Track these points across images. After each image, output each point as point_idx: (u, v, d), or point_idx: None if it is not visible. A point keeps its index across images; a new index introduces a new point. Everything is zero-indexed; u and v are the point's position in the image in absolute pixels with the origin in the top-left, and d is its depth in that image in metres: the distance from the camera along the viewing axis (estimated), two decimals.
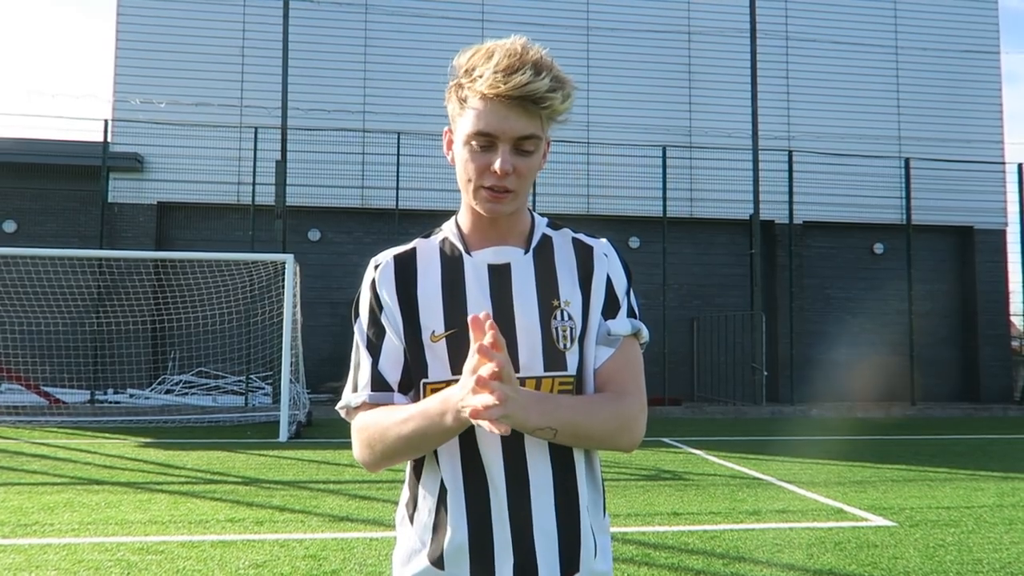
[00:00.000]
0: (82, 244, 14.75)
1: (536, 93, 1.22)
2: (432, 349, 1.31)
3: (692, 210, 16.64)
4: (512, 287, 1.33)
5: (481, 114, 1.25)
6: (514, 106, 1.23)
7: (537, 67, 1.23)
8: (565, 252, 1.39)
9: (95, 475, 7.38)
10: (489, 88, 1.22)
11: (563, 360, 1.31)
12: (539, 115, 1.26)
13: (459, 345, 1.29)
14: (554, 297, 1.34)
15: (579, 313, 1.34)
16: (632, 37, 16.77)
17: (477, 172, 1.28)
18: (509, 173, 1.26)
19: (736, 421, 13.50)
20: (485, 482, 1.29)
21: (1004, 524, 5.71)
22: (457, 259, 1.36)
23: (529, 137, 1.26)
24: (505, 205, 1.29)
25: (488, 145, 1.26)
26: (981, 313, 17.18)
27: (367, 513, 5.88)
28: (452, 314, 1.32)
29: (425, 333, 1.32)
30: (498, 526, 1.28)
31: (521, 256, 1.36)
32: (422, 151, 15.32)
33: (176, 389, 14.21)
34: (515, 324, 1.31)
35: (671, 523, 5.68)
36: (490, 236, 1.36)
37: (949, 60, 17.65)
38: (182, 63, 15.60)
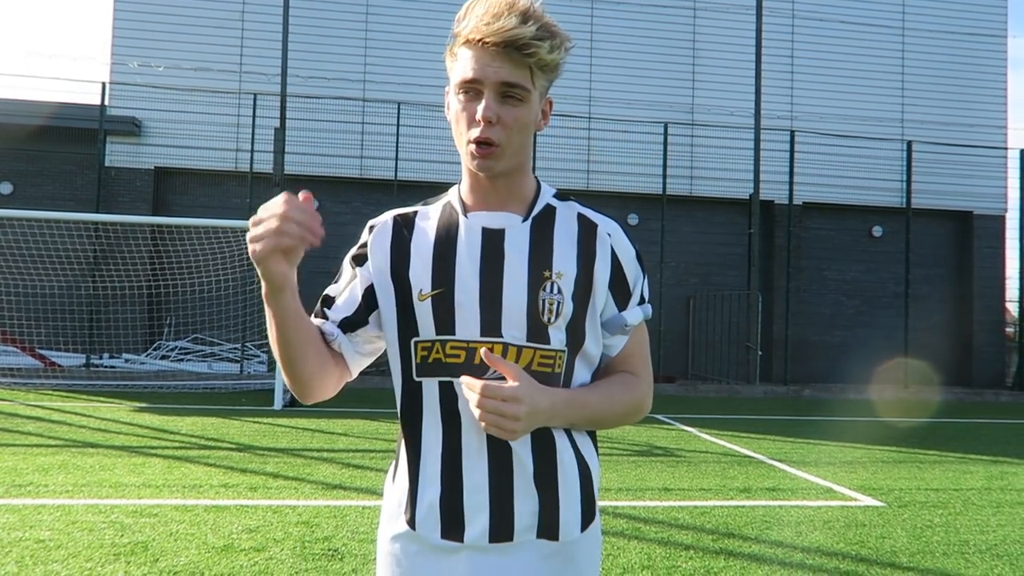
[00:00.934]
0: (78, 208, 14.66)
1: (520, 39, 1.20)
2: (420, 308, 1.31)
3: (692, 188, 16.58)
4: (504, 253, 1.31)
5: (467, 62, 1.24)
6: (499, 53, 1.21)
7: (525, 15, 1.21)
8: (567, 225, 1.36)
9: (90, 438, 7.41)
10: (473, 33, 1.22)
11: (546, 333, 1.29)
12: (526, 65, 1.23)
13: (444, 306, 1.30)
14: (546, 268, 1.31)
15: (570, 288, 1.31)
16: (637, 11, 16.58)
17: (465, 123, 1.26)
18: (492, 121, 1.23)
19: (729, 399, 13.57)
20: (460, 443, 1.30)
21: (991, 507, 5.77)
22: (453, 221, 1.35)
23: (514, 85, 1.23)
24: (493, 161, 1.26)
25: (475, 94, 1.25)
26: (977, 299, 17.22)
27: (360, 481, 5.92)
28: (439, 274, 1.31)
29: (414, 292, 1.32)
30: (471, 487, 1.29)
31: (518, 223, 1.34)
32: (422, 122, 15.20)
33: (172, 355, 14.23)
34: (502, 290, 1.29)
35: (662, 498, 5.72)
36: (489, 200, 1.34)
37: (955, 43, 17.49)
38: (181, 27, 15.41)
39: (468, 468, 1.29)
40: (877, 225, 17.39)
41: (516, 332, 1.28)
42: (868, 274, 17.32)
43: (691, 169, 16.54)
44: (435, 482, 1.31)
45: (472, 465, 1.29)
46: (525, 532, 1.30)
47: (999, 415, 12.45)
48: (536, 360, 1.29)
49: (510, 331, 1.28)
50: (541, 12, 1.24)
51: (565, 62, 1.30)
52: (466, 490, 1.29)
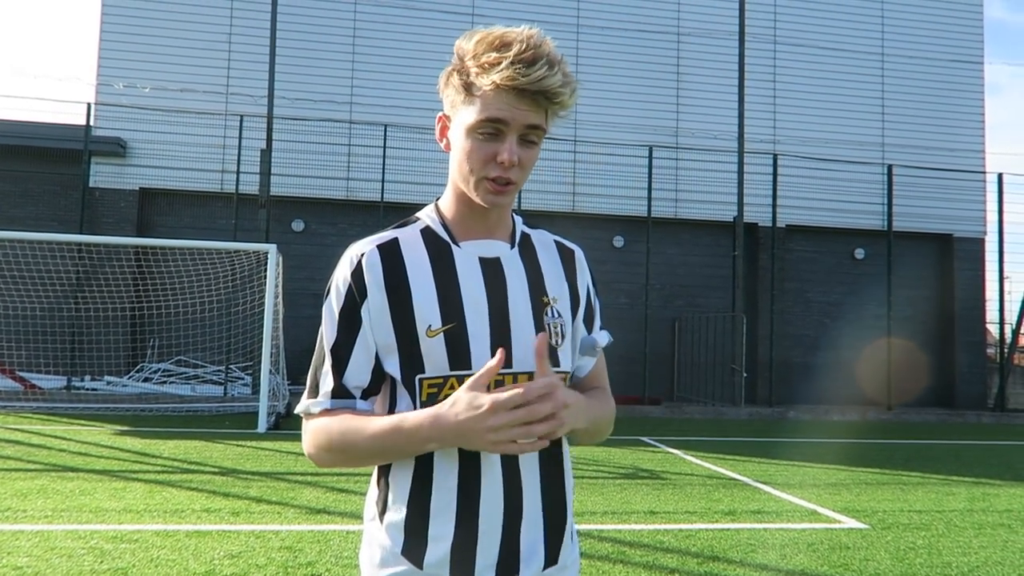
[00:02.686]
0: (62, 228, 14.58)
1: (551, 87, 1.21)
2: (428, 344, 1.27)
3: (677, 210, 16.71)
4: (506, 281, 1.32)
5: (492, 103, 1.22)
6: (526, 97, 1.22)
7: (551, 61, 1.22)
8: (548, 251, 1.41)
9: (70, 462, 7.32)
10: (506, 80, 1.19)
11: (556, 356, 1.32)
12: (546, 108, 1.26)
13: (456, 340, 1.27)
14: (543, 294, 1.34)
15: (567, 311, 1.37)
16: (622, 36, 16.80)
17: (482, 162, 1.25)
18: (515, 164, 1.24)
19: (715, 422, 13.59)
20: (479, 481, 1.26)
21: (974, 528, 5.80)
22: (445, 250, 1.32)
23: (536, 128, 1.25)
24: (506, 197, 1.28)
25: (495, 133, 1.24)
26: (958, 320, 17.40)
27: (344, 506, 5.87)
28: (448, 308, 1.28)
29: (420, 327, 1.27)
30: (486, 525, 1.26)
31: (508, 251, 1.35)
32: (409, 144, 15.27)
33: (154, 377, 14.10)
34: (509, 319, 1.29)
35: (647, 521, 5.71)
36: (478, 229, 1.34)
37: (934, 68, 17.83)
38: (168, 48, 15.44)
39: (485, 506, 1.26)
40: (859, 247, 17.58)
41: (528, 360, 1.28)
42: (851, 296, 17.47)
43: (676, 192, 16.68)
44: (449, 521, 1.26)
45: (489, 501, 1.27)
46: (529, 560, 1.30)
47: (981, 436, 12.53)
48: None
49: (521, 360, 1.28)
50: (560, 56, 1.25)
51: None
52: (481, 528, 1.26)
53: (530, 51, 1.21)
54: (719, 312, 16.20)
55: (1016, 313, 16.92)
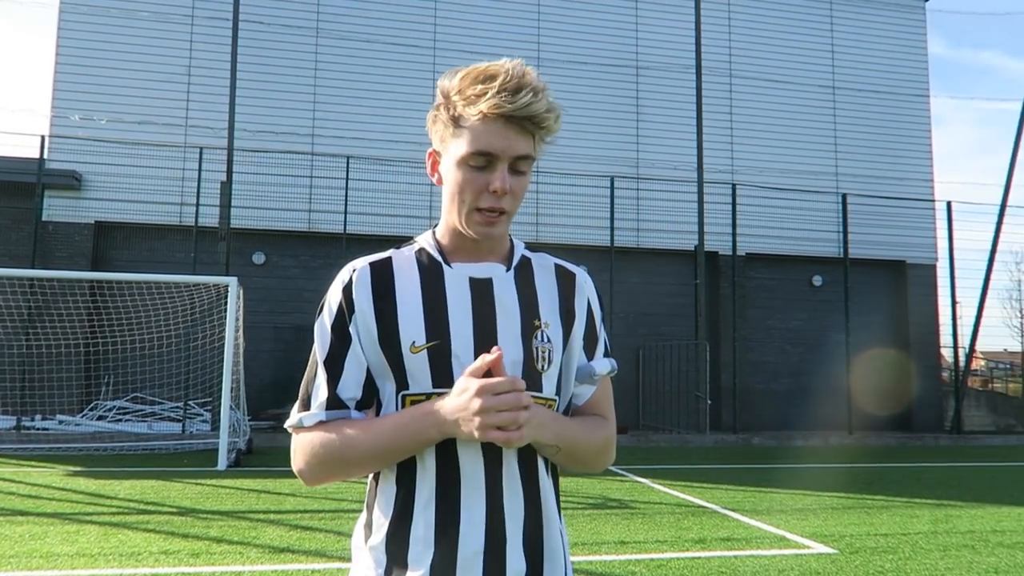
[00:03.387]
0: (12, 263, 14.17)
1: (538, 112, 1.24)
2: (412, 360, 1.28)
3: (639, 240, 16.90)
4: (495, 302, 1.32)
5: (481, 133, 1.24)
6: (513, 125, 1.24)
7: (535, 89, 1.25)
8: (546, 275, 1.40)
9: (19, 505, 7.03)
10: (492, 108, 1.22)
11: (539, 381, 1.31)
12: (534, 135, 1.28)
13: (439, 358, 1.27)
14: (535, 317, 1.34)
15: (559, 336, 1.35)
16: (582, 70, 17.07)
17: (474, 193, 1.27)
18: (507, 192, 1.26)
19: (680, 449, 13.63)
20: (459, 501, 1.25)
21: (939, 550, 5.86)
22: (436, 270, 1.33)
23: (526, 157, 1.27)
24: (497, 228, 1.29)
25: (486, 165, 1.26)
26: (913, 345, 17.79)
27: (308, 544, 5.72)
28: (433, 325, 1.29)
29: (405, 344, 1.28)
30: (467, 545, 1.24)
31: (503, 272, 1.35)
32: (371, 175, 15.25)
33: (109, 415, 13.68)
34: (496, 340, 1.29)
35: (618, 552, 5.66)
36: (472, 252, 1.35)
37: (882, 101, 18.43)
38: (125, 80, 15.26)
39: (465, 526, 1.25)
40: (817, 275, 17.94)
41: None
42: (810, 322, 17.78)
43: (638, 221, 16.88)
44: (428, 546, 1.25)
45: (470, 528, 1.25)
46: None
47: (940, 459, 12.76)
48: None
49: None
50: (544, 84, 1.28)
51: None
52: (461, 548, 1.24)
53: (514, 80, 1.24)
54: (682, 340, 16.33)
55: (968, 337, 17.38)
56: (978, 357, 24.45)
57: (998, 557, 5.67)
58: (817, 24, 18.40)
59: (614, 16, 17.45)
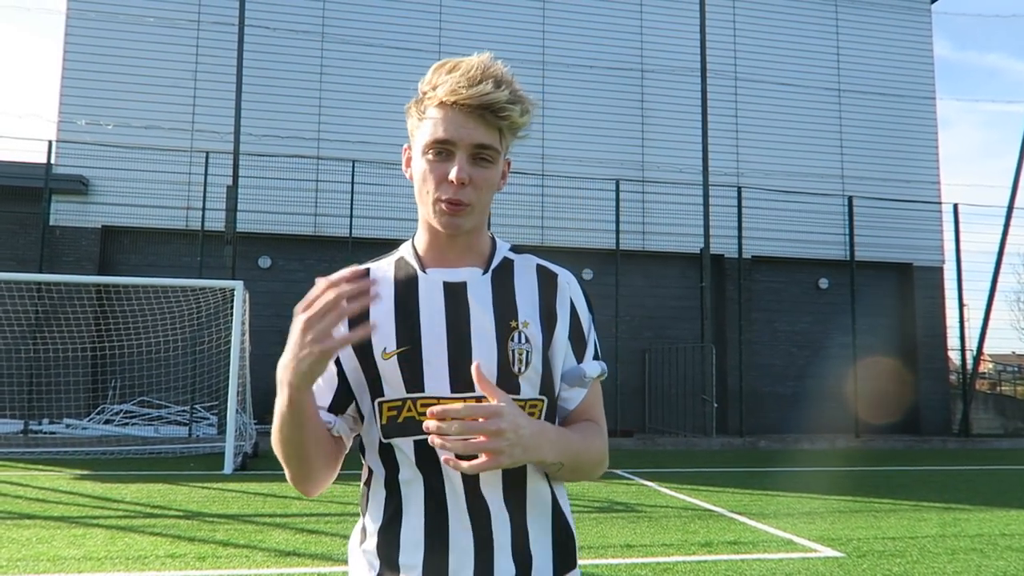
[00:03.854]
0: (20, 268, 14.24)
1: (496, 103, 1.23)
2: (385, 367, 1.28)
3: (644, 243, 16.88)
4: (469, 305, 1.31)
5: (439, 122, 1.25)
6: (473, 114, 1.23)
7: (498, 80, 1.24)
8: (527, 276, 1.37)
9: (26, 509, 7.05)
10: (449, 95, 1.23)
11: (516, 384, 1.28)
12: (498, 127, 1.26)
13: (411, 363, 1.27)
14: (512, 319, 1.31)
15: (538, 337, 1.32)
16: (587, 73, 17.08)
17: (435, 182, 1.26)
18: (465, 183, 1.24)
19: (687, 452, 13.59)
20: (445, 502, 1.26)
21: (947, 554, 5.83)
22: (411, 277, 1.34)
23: (487, 147, 1.25)
24: (463, 219, 1.27)
25: (446, 154, 1.25)
26: (920, 348, 17.71)
27: (314, 548, 5.72)
28: (404, 331, 1.29)
29: (377, 350, 1.28)
30: (456, 546, 1.25)
31: (479, 276, 1.34)
32: (377, 179, 15.28)
33: (116, 419, 13.71)
34: (470, 343, 1.28)
35: (624, 555, 5.65)
36: (448, 256, 1.34)
37: (888, 103, 18.39)
38: (132, 85, 15.32)
39: (454, 526, 1.25)
40: (823, 277, 17.88)
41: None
42: (817, 325, 17.72)
43: (643, 224, 16.87)
44: (419, 546, 1.26)
45: (457, 521, 1.25)
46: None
47: (948, 462, 12.70)
48: None
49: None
50: (512, 78, 1.27)
51: (530, 125, 1.32)
52: (452, 550, 1.25)
53: (477, 71, 1.24)
54: (688, 343, 16.30)
55: (976, 340, 17.30)
56: (986, 360, 24.35)
57: (1007, 561, 5.64)
58: (822, 26, 18.37)
59: (619, 19, 17.46)
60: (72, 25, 15.39)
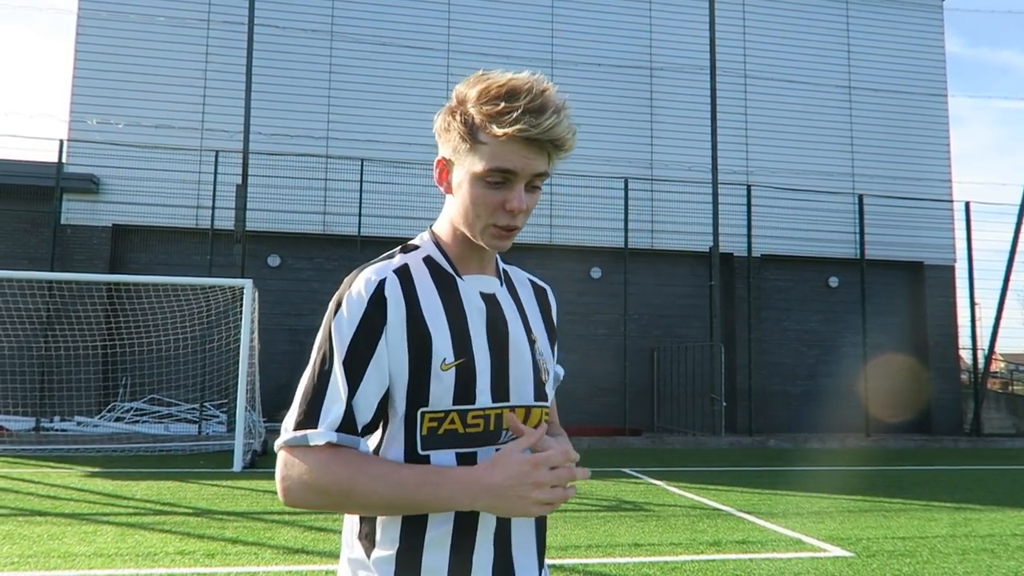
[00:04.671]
0: (32, 266, 14.34)
1: (561, 136, 1.21)
2: (439, 377, 1.23)
3: (653, 241, 16.84)
4: (505, 317, 1.33)
5: (501, 152, 1.21)
6: (534, 146, 1.21)
7: (557, 109, 1.21)
8: (525, 290, 1.45)
9: (38, 506, 7.10)
10: (517, 132, 1.18)
11: (544, 392, 1.35)
12: (551, 153, 1.25)
13: (465, 375, 1.25)
14: (531, 331, 1.37)
15: (547, 349, 1.41)
16: (596, 71, 17.05)
17: (490, 210, 1.24)
18: (523, 211, 1.26)
19: (695, 451, 13.56)
20: (476, 517, 1.24)
21: (957, 554, 5.79)
22: (450, 282, 1.31)
23: (542, 175, 1.26)
24: (510, 242, 1.31)
25: (503, 182, 1.23)
26: (932, 347, 17.61)
27: (323, 545, 5.74)
28: (459, 341, 1.26)
29: (435, 360, 1.23)
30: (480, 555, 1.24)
31: (499, 287, 1.37)
32: (385, 178, 15.30)
33: (126, 417, 13.80)
34: (508, 354, 1.30)
35: (632, 554, 5.64)
36: (475, 264, 1.34)
37: (899, 101, 18.27)
38: (142, 84, 15.40)
39: (481, 537, 1.25)
40: (833, 276, 17.80)
41: (525, 394, 1.31)
42: (826, 324, 17.64)
43: (652, 223, 16.83)
44: (444, 553, 1.22)
45: (484, 534, 1.25)
46: None
47: (959, 461, 12.62)
48: (541, 419, 1.35)
49: (518, 394, 1.30)
50: (563, 102, 1.24)
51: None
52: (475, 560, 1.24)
53: (538, 100, 1.20)
54: (697, 342, 16.25)
55: (988, 339, 17.17)
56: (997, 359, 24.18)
57: (1018, 561, 5.60)
58: (833, 23, 18.27)
59: (627, 17, 17.41)
60: (83, 25, 15.47)
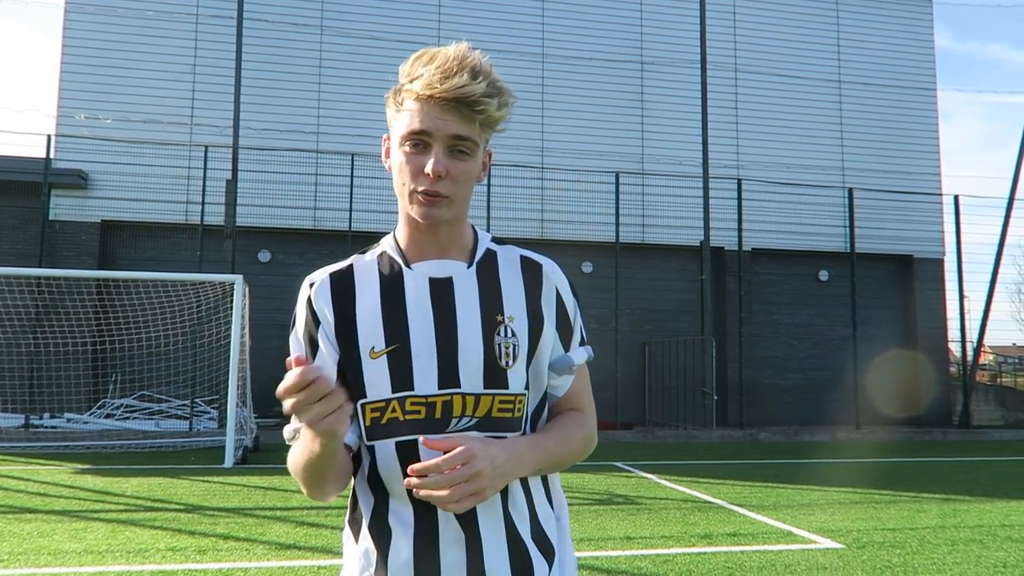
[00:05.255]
0: (20, 262, 14.23)
1: (471, 96, 1.21)
2: (371, 366, 1.27)
3: (644, 236, 16.86)
4: (455, 301, 1.30)
5: (415, 114, 1.24)
6: (449, 107, 1.22)
7: (474, 72, 1.22)
8: (511, 268, 1.36)
9: (27, 503, 7.06)
10: (425, 88, 1.22)
11: (504, 378, 1.29)
12: (475, 120, 1.24)
13: (399, 361, 1.26)
14: (498, 313, 1.31)
15: (524, 330, 1.32)
16: (586, 65, 17.03)
17: (412, 174, 1.25)
18: (441, 175, 1.23)
19: (687, 445, 13.60)
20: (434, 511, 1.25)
21: (947, 545, 5.84)
22: (397, 273, 1.32)
23: (464, 139, 1.24)
24: (440, 210, 1.26)
25: (423, 146, 1.25)
26: (921, 339, 17.72)
27: (315, 541, 5.73)
28: (392, 330, 1.28)
29: (364, 350, 1.28)
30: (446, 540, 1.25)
31: (464, 270, 1.33)
32: (376, 173, 15.24)
33: (117, 413, 13.73)
34: (457, 339, 1.27)
35: (624, 547, 5.66)
36: (430, 249, 1.33)
37: (889, 95, 18.34)
38: (130, 79, 15.29)
39: (443, 523, 1.25)
40: (823, 269, 17.87)
41: (474, 380, 1.27)
42: (817, 317, 17.72)
43: (643, 217, 16.85)
44: (408, 540, 1.26)
45: (446, 520, 1.25)
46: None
47: (948, 453, 12.70)
48: (495, 406, 1.28)
49: (468, 380, 1.27)
50: (490, 69, 1.25)
51: (510, 117, 1.31)
52: (442, 543, 1.25)
53: (453, 63, 1.22)
54: (688, 336, 16.30)
55: (976, 331, 17.29)
56: (986, 351, 24.37)
57: (1007, 551, 5.64)
58: (823, 18, 18.31)
59: (618, 11, 17.40)
60: (70, 19, 15.34)
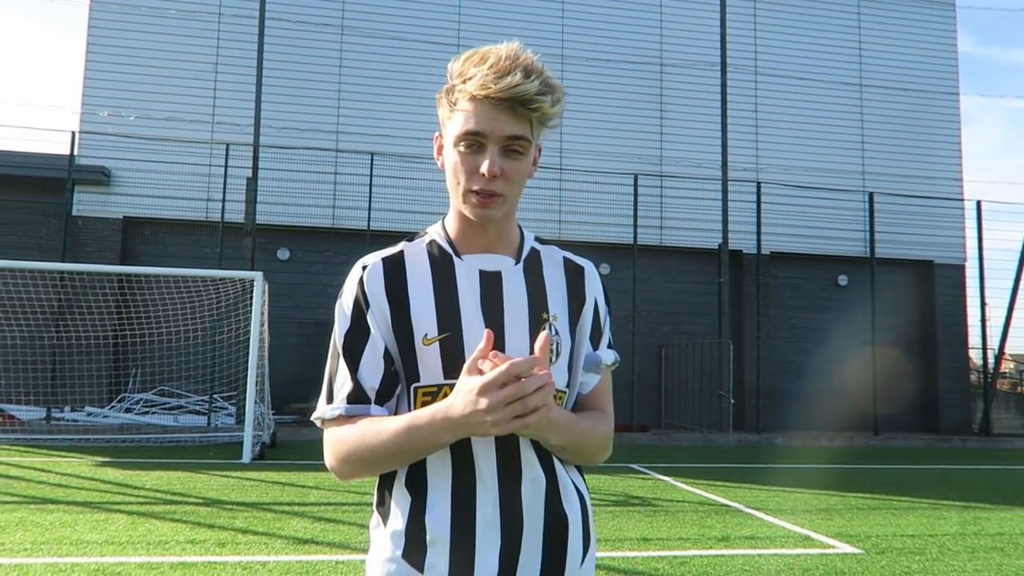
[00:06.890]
0: (43, 257, 14.41)
1: (525, 95, 1.23)
2: (424, 352, 1.29)
3: (662, 238, 16.81)
4: (503, 295, 1.32)
5: (470, 115, 1.25)
6: (503, 107, 1.24)
7: (527, 70, 1.24)
8: (555, 268, 1.40)
9: (49, 494, 7.15)
10: (479, 89, 1.23)
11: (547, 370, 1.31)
12: (528, 118, 1.26)
13: (452, 349, 1.28)
14: (543, 310, 1.34)
15: (566, 329, 1.35)
16: (606, 67, 17.01)
17: (466, 174, 1.27)
18: (497, 175, 1.25)
19: (703, 448, 13.54)
20: (473, 477, 1.27)
21: (967, 552, 5.78)
22: (447, 261, 1.34)
23: (518, 138, 1.26)
24: (494, 210, 1.29)
25: (477, 146, 1.26)
26: (941, 346, 17.53)
27: (332, 536, 5.76)
28: (445, 317, 1.30)
29: (417, 335, 1.29)
30: (483, 522, 1.26)
31: (512, 266, 1.36)
32: (395, 172, 15.30)
33: (136, 408, 13.87)
34: (504, 333, 1.30)
35: (641, 548, 5.65)
36: (479, 243, 1.35)
37: (911, 99, 18.17)
38: (153, 77, 15.44)
39: (481, 507, 1.26)
40: (842, 274, 17.73)
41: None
42: (835, 322, 17.57)
43: (661, 219, 16.80)
44: (445, 525, 1.26)
45: (485, 504, 1.26)
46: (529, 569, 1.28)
47: (968, 461, 12.57)
48: None
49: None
50: (541, 67, 1.27)
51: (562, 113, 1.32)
52: (479, 530, 1.26)
53: (506, 62, 1.24)
54: (705, 338, 16.23)
55: (998, 338, 17.09)
56: (1007, 359, 24.04)
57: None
58: (845, 20, 18.17)
59: (638, 13, 17.36)
60: (95, 17, 15.52)
